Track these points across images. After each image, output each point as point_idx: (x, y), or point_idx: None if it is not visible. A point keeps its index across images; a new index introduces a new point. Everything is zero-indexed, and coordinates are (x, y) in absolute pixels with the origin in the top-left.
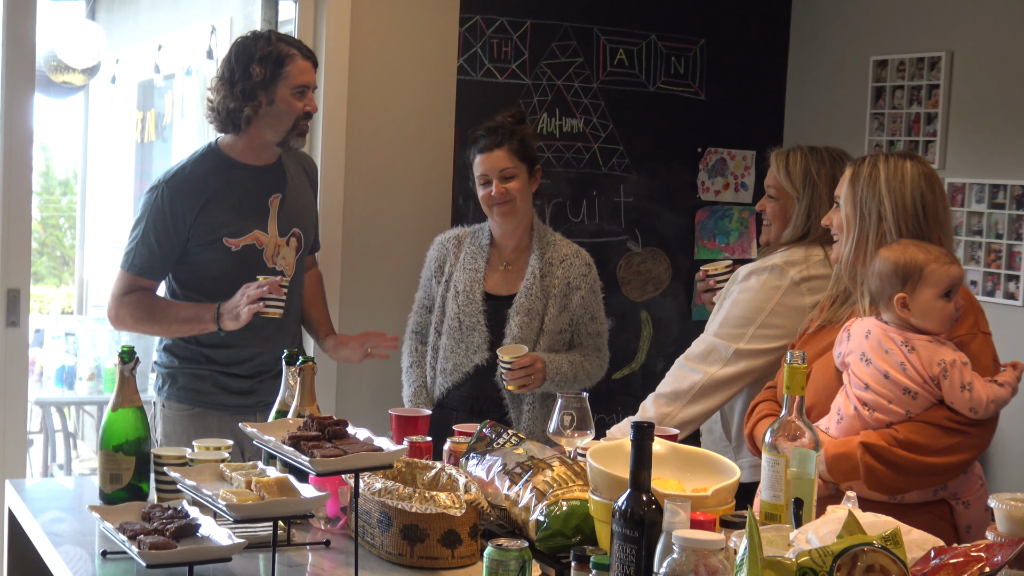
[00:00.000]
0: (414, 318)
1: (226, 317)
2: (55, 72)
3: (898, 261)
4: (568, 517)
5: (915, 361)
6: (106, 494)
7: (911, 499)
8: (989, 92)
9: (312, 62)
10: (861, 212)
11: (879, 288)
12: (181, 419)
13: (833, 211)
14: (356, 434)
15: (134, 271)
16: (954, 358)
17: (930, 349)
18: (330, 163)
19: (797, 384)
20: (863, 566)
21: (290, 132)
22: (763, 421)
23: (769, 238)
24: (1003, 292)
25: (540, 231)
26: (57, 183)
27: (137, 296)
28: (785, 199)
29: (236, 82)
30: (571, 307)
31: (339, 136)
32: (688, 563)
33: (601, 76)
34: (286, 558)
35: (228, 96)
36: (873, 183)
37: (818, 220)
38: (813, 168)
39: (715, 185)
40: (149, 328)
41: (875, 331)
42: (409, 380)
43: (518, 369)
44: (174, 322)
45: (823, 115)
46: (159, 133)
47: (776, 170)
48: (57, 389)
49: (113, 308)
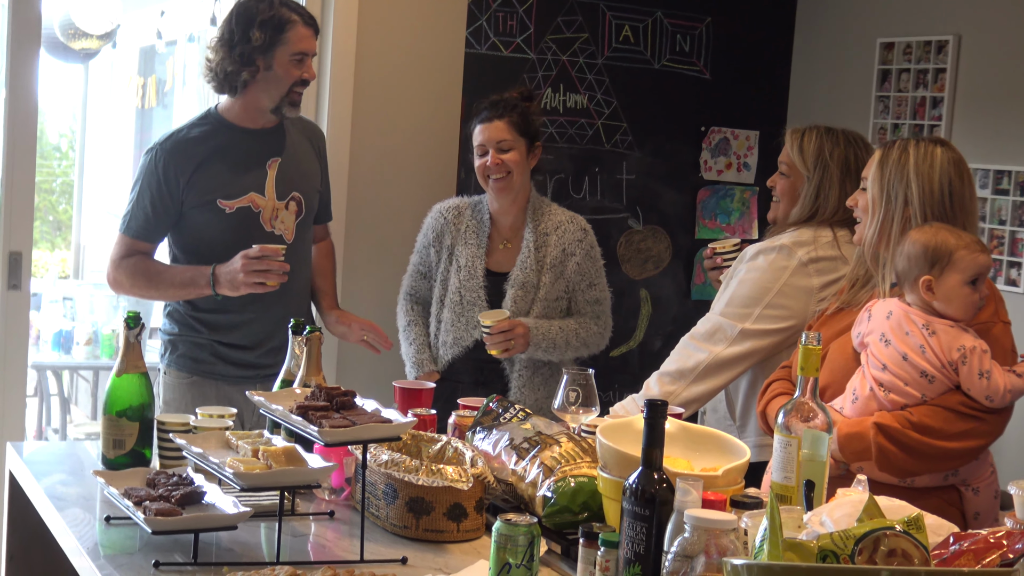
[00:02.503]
0: (408, 281)
1: (223, 283)
2: (73, 39)
3: (928, 243)
4: (576, 493)
5: (935, 345)
6: (109, 459)
7: (921, 483)
8: (996, 77)
9: (313, 29)
10: (888, 195)
11: (906, 269)
12: (180, 387)
13: (859, 192)
14: (364, 405)
15: (131, 234)
16: (974, 345)
17: (951, 334)
18: (336, 133)
19: (812, 365)
20: (885, 550)
21: (284, 98)
22: (776, 400)
23: (776, 215)
24: (1005, 279)
25: (535, 203)
26: (52, 148)
27: (135, 260)
28: (796, 177)
29: (235, 45)
30: (567, 274)
31: (345, 106)
32: (699, 542)
33: (606, 52)
34: (290, 528)
35: (226, 58)
36: (902, 167)
37: (826, 201)
38: (827, 149)
39: (718, 164)
40: (147, 292)
41: (897, 312)
42: (408, 338)
43: (497, 334)
44: (171, 286)
45: (828, 97)
46: (160, 99)
47: (790, 147)
48: (54, 353)
49: (112, 272)
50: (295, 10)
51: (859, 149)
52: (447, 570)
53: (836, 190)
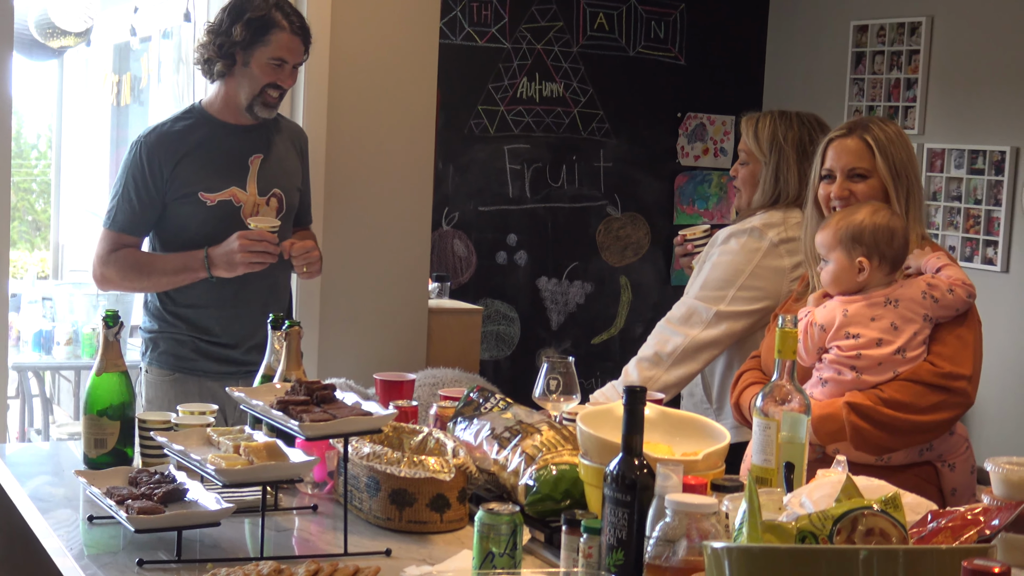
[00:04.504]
0: None
1: (219, 264)
2: (51, 37)
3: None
4: (557, 481)
5: (902, 307)
6: (91, 459)
7: (897, 461)
8: (969, 58)
9: (302, 39)
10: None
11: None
12: (162, 384)
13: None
14: (344, 399)
15: (116, 228)
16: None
17: (908, 286)
18: (312, 127)
19: (788, 348)
20: (863, 529)
21: (256, 98)
22: (748, 390)
23: (740, 204)
24: (981, 257)
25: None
26: (31, 147)
27: (123, 253)
28: (755, 164)
29: (219, 35)
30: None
31: (320, 100)
32: (680, 527)
33: (581, 40)
34: (273, 522)
35: (209, 45)
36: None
37: (786, 184)
38: (780, 132)
39: (694, 150)
40: (138, 283)
41: (852, 307)
42: None
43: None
44: (163, 274)
45: (803, 80)
46: (135, 97)
47: (746, 134)
48: (35, 354)
49: (99, 268)
50: (288, 16)
51: (813, 130)
52: (431, 561)
53: (794, 172)
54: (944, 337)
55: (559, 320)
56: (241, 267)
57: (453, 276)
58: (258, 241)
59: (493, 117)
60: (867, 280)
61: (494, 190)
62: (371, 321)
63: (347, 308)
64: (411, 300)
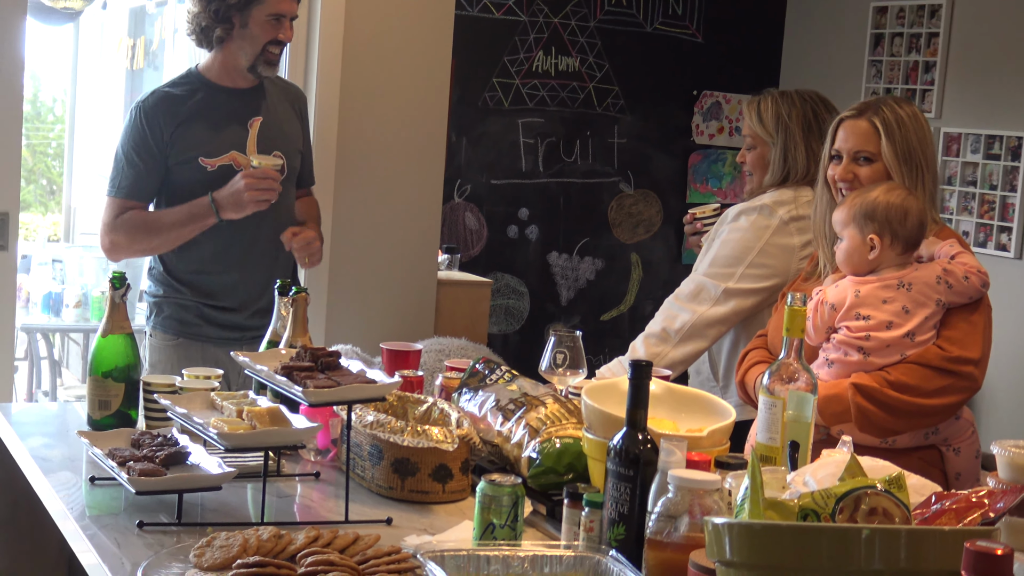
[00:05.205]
0: None
1: (227, 206)
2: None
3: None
4: (561, 454)
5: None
6: (94, 420)
7: (902, 444)
8: (988, 42)
9: None
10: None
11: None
12: (166, 349)
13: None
14: (349, 366)
15: (121, 195)
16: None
17: (923, 269)
18: (325, 97)
19: (797, 326)
20: (866, 509)
21: (259, 57)
22: (754, 368)
23: (752, 188)
24: (995, 243)
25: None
26: (48, 109)
27: (128, 215)
28: (762, 147)
29: (211, 1)
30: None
31: (334, 70)
32: (683, 503)
33: (598, 15)
34: (275, 489)
35: (203, 13)
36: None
37: (795, 162)
38: (784, 111)
39: (709, 129)
40: (148, 244)
41: (865, 288)
42: None
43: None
44: (172, 227)
45: (820, 61)
46: (149, 61)
47: (749, 118)
48: (44, 316)
49: (106, 236)
50: None
51: (816, 105)
52: (432, 531)
53: (802, 149)
54: (954, 321)
55: (569, 296)
56: (250, 205)
57: (464, 249)
58: (262, 179)
59: (508, 90)
60: (879, 259)
61: (507, 164)
62: (379, 291)
63: (356, 277)
64: (420, 271)
